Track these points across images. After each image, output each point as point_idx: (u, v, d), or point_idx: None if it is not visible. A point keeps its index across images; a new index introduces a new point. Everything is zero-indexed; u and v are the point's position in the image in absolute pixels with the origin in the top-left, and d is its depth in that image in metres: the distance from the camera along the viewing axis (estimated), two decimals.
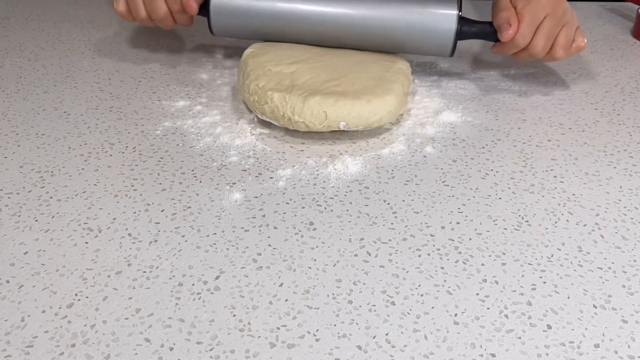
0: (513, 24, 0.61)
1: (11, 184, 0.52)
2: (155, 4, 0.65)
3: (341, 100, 0.57)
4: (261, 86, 0.60)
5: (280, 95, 0.58)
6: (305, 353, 0.38)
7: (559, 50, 0.63)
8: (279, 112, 0.58)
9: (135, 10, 0.66)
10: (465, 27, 0.64)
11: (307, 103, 0.57)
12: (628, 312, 0.41)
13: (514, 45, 0.62)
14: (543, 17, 0.62)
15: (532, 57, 0.64)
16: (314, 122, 0.58)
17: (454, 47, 0.64)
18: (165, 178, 0.53)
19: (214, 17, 0.66)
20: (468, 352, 0.38)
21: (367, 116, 0.58)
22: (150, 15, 0.66)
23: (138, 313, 0.40)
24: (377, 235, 0.47)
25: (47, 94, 0.66)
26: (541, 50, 0.62)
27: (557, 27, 0.62)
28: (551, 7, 0.62)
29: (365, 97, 0.58)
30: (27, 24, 0.84)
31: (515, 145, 0.59)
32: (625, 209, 0.51)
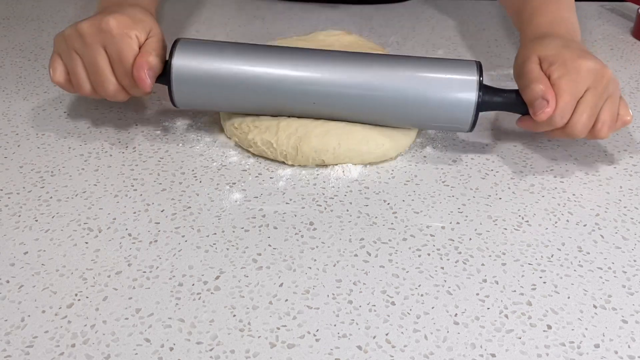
0: (550, 101, 0.49)
1: (11, 184, 0.52)
2: (100, 77, 0.53)
3: (343, 146, 0.53)
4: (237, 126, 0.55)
5: (264, 140, 0.53)
6: (305, 353, 0.38)
7: (602, 129, 0.52)
8: (268, 156, 0.54)
9: (77, 83, 0.54)
10: (487, 97, 0.52)
11: (301, 150, 0.52)
12: (628, 312, 0.41)
13: (550, 124, 0.51)
14: (584, 89, 0.51)
15: (570, 137, 0.53)
16: (310, 165, 0.54)
17: (474, 121, 0.53)
18: (165, 178, 0.53)
19: (177, 88, 0.53)
20: (468, 352, 0.38)
21: (372, 160, 0.55)
22: (97, 90, 0.54)
23: (138, 313, 0.40)
24: (377, 235, 0.47)
25: (47, 94, 0.66)
26: (582, 130, 0.51)
27: (600, 102, 0.51)
28: (593, 77, 0.51)
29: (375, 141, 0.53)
30: (27, 24, 0.84)
31: (515, 145, 0.59)
32: (625, 209, 0.51)
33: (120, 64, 0.52)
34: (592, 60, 0.51)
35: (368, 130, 0.54)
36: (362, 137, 0.53)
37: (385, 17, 0.87)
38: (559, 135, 0.53)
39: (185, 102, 0.55)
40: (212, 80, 0.53)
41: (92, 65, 0.53)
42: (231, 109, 0.56)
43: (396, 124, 0.55)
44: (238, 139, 0.56)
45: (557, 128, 0.52)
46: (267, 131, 0.54)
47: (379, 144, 0.54)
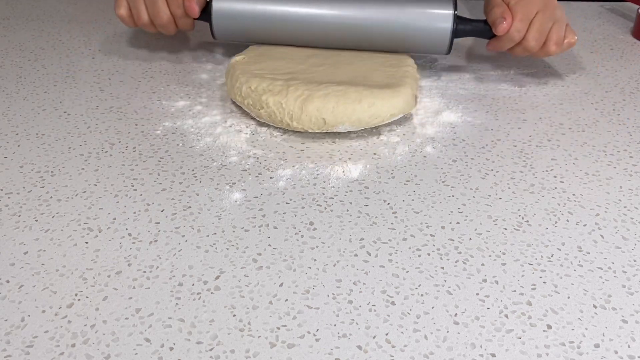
0: (507, 18, 0.63)
1: (11, 184, 0.52)
2: (158, 8, 0.65)
3: (341, 105, 0.57)
4: (254, 88, 0.59)
5: (275, 100, 0.58)
6: (305, 353, 0.38)
7: (551, 46, 0.65)
8: (276, 117, 0.58)
9: (137, 14, 0.66)
10: (460, 26, 0.65)
11: (305, 109, 0.57)
12: (628, 312, 0.41)
13: (509, 39, 0.64)
14: (535, 12, 0.64)
15: (527, 52, 0.66)
16: (312, 127, 0.58)
17: (450, 45, 0.66)
18: (165, 178, 0.53)
19: (216, 22, 0.66)
20: (468, 352, 0.38)
21: (368, 120, 0.58)
22: (153, 20, 0.66)
23: (138, 313, 0.40)
24: (377, 235, 0.47)
25: (47, 94, 0.66)
26: (535, 44, 0.64)
27: (549, 23, 0.64)
28: (542, 3, 0.64)
29: (367, 100, 0.57)
30: (27, 24, 0.84)
31: (515, 145, 0.59)
32: (625, 209, 0.51)
33: None
34: None
35: (361, 92, 0.58)
36: (356, 97, 0.58)
37: None
38: (518, 51, 0.66)
39: (223, 35, 0.68)
40: (245, 15, 0.66)
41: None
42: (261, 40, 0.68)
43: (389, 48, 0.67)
44: (252, 100, 0.59)
45: (516, 45, 0.65)
46: (279, 94, 0.58)
47: (370, 103, 0.58)
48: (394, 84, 0.60)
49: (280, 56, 0.66)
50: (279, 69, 0.63)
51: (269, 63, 0.64)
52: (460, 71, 0.73)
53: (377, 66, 0.64)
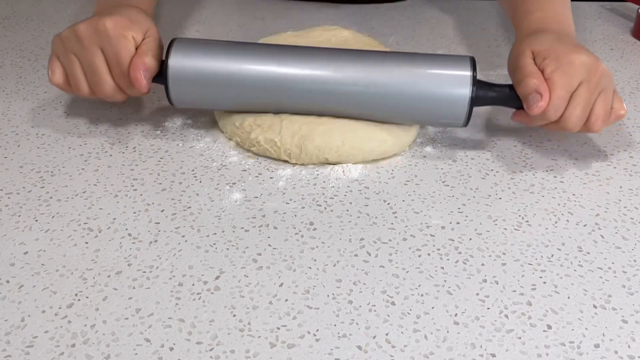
0: (544, 95, 0.50)
1: (11, 184, 0.52)
2: (98, 78, 0.53)
3: (347, 144, 0.53)
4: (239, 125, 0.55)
5: (267, 138, 0.53)
6: (305, 353, 0.38)
7: (596, 122, 0.52)
8: (271, 154, 0.54)
9: (75, 84, 0.55)
10: (481, 92, 0.53)
11: (305, 149, 0.53)
12: (628, 312, 0.41)
13: (544, 118, 0.52)
14: (578, 83, 0.51)
15: (564, 130, 0.53)
16: (313, 163, 0.54)
17: (468, 116, 0.53)
18: (165, 178, 0.53)
19: (173, 87, 0.54)
20: (468, 352, 0.38)
21: (375, 157, 0.55)
22: (94, 91, 0.55)
23: (138, 313, 0.40)
24: (377, 235, 0.47)
25: (47, 94, 0.66)
26: (576, 123, 0.52)
27: (594, 95, 0.51)
28: (587, 70, 0.51)
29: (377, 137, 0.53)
30: (27, 24, 0.84)
31: (515, 145, 0.59)
32: (625, 209, 0.51)
33: (117, 65, 0.53)
34: (585, 54, 0.52)
35: (370, 127, 0.54)
36: (365, 135, 0.54)
37: (385, 17, 0.87)
38: (553, 128, 0.53)
39: (182, 101, 0.56)
40: (208, 79, 0.53)
41: (90, 66, 0.53)
42: (229, 107, 0.57)
43: (392, 120, 0.55)
44: (240, 138, 0.56)
45: (552, 123, 0.53)
46: (270, 130, 0.54)
47: (381, 141, 0.54)
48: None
49: None
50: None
51: None
52: None
53: None
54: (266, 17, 0.86)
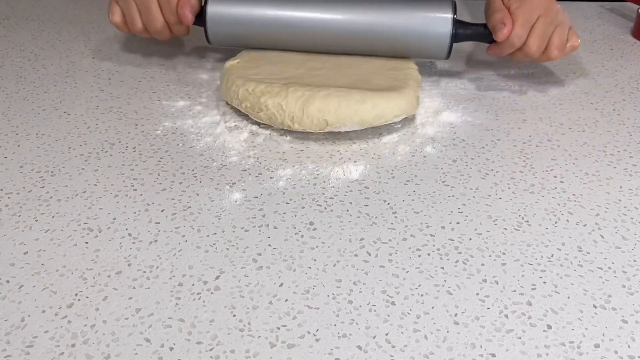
0: (507, 24, 0.62)
1: (11, 184, 0.52)
2: (151, 16, 0.64)
3: (343, 106, 0.56)
4: (251, 91, 0.58)
5: (275, 102, 0.57)
6: (305, 353, 0.38)
7: (553, 50, 0.63)
8: (276, 119, 0.57)
9: (131, 21, 0.66)
10: (460, 30, 0.64)
11: (307, 110, 0.56)
12: (628, 312, 0.41)
13: (510, 45, 0.63)
14: (536, 17, 0.62)
15: (528, 57, 0.64)
16: (313, 128, 0.57)
17: (449, 50, 0.64)
18: (165, 178, 0.53)
19: (211, 27, 0.65)
20: (468, 352, 0.38)
21: (371, 121, 0.57)
22: (147, 26, 0.66)
23: (138, 313, 0.40)
24: (377, 235, 0.47)
25: (47, 94, 0.66)
26: (536, 50, 0.63)
27: (550, 27, 0.63)
28: (544, 7, 0.63)
29: (370, 101, 0.57)
30: (27, 24, 0.84)
31: (515, 145, 0.59)
32: (625, 209, 0.51)
33: (168, 3, 0.64)
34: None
35: (365, 93, 0.58)
36: (360, 98, 0.57)
37: None
38: (519, 56, 0.65)
39: (218, 40, 0.67)
40: (239, 20, 0.65)
41: (144, 5, 0.64)
42: (256, 45, 0.67)
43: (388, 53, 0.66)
44: (250, 103, 0.59)
45: (517, 50, 0.63)
46: (278, 95, 0.57)
47: (374, 104, 0.57)
48: (397, 85, 0.60)
49: (277, 60, 0.65)
50: (276, 74, 0.62)
51: (265, 67, 0.63)
52: (461, 71, 0.73)
53: (378, 69, 0.64)
54: None
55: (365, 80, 0.61)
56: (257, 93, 0.58)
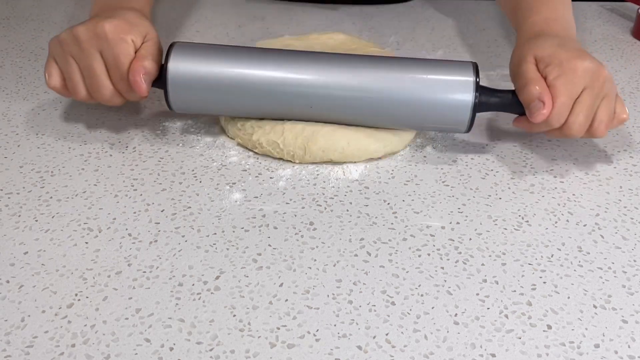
0: (547, 102, 0.49)
1: (11, 184, 0.52)
2: (97, 82, 0.53)
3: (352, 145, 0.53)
4: (240, 127, 0.55)
5: (269, 140, 0.54)
6: (305, 353, 0.38)
7: (599, 127, 0.51)
8: (273, 155, 0.55)
9: (73, 87, 0.54)
10: (484, 97, 0.53)
11: (309, 150, 0.53)
12: (628, 312, 0.41)
13: (546, 125, 0.51)
14: (581, 90, 0.50)
15: (567, 137, 0.53)
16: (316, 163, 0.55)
17: (471, 122, 0.53)
18: (165, 178, 0.53)
19: (173, 92, 0.53)
20: (468, 352, 0.38)
21: (378, 155, 0.55)
22: (92, 94, 0.54)
23: (138, 313, 0.40)
24: (377, 235, 0.47)
25: (47, 94, 0.66)
26: (579, 130, 0.51)
27: (597, 102, 0.51)
28: (590, 77, 0.50)
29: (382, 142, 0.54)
30: (27, 24, 0.84)
31: (515, 146, 0.59)
32: (625, 209, 0.51)
33: (117, 68, 0.52)
34: (589, 60, 0.51)
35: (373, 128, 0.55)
36: (369, 135, 0.54)
37: (385, 17, 0.87)
38: (556, 135, 0.53)
39: (182, 106, 0.55)
40: (208, 84, 0.52)
41: (88, 70, 0.53)
42: (228, 113, 0.56)
43: (393, 126, 0.55)
44: (242, 140, 0.56)
45: (554, 129, 0.52)
46: (273, 131, 0.54)
47: (386, 141, 0.55)
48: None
49: None
50: None
51: None
52: None
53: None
54: (266, 17, 0.86)
55: None
56: (247, 129, 0.55)
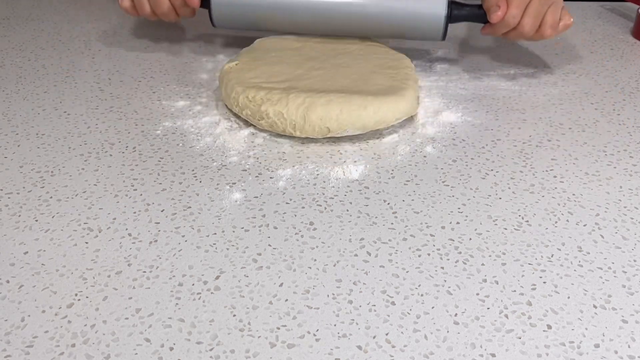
0: (502, 6, 0.63)
1: (11, 184, 0.52)
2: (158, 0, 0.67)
3: (345, 112, 0.56)
4: (251, 98, 0.58)
5: (275, 110, 0.57)
6: (305, 353, 0.38)
7: (547, 29, 0.65)
8: (278, 127, 0.57)
9: (139, 5, 0.69)
10: (455, 11, 0.66)
11: (308, 119, 0.56)
12: (628, 312, 0.41)
13: (504, 25, 0.64)
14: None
15: (522, 37, 0.66)
16: (315, 135, 0.57)
17: (445, 31, 0.66)
18: (165, 178, 0.53)
19: (215, 8, 0.67)
20: (468, 352, 0.38)
21: (373, 125, 0.57)
22: (154, 10, 0.68)
23: (138, 313, 0.40)
24: (377, 235, 0.47)
25: (47, 94, 0.66)
26: (530, 29, 0.64)
27: (544, 7, 0.64)
28: None
29: (372, 106, 0.57)
30: (27, 24, 0.84)
31: (515, 145, 0.59)
32: (625, 209, 0.51)
33: None
34: None
35: (366, 97, 0.58)
36: (361, 103, 0.57)
37: None
38: (513, 36, 0.66)
39: (222, 22, 0.69)
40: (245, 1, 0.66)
41: None
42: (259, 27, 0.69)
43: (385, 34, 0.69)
44: (250, 111, 0.58)
45: (511, 30, 0.65)
46: (279, 103, 0.57)
47: (376, 109, 0.57)
48: (397, 87, 0.60)
49: (276, 60, 0.65)
50: (276, 75, 0.62)
51: (264, 69, 0.63)
52: (460, 71, 0.73)
53: (375, 68, 0.64)
54: None
55: (364, 80, 0.61)
56: (257, 101, 0.58)
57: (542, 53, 0.78)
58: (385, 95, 0.58)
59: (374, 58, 0.66)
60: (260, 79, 0.61)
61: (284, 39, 0.69)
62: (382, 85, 0.60)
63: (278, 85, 0.60)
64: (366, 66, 0.64)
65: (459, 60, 0.76)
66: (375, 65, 0.64)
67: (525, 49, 0.79)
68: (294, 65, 0.64)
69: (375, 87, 0.60)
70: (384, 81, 0.61)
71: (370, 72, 0.63)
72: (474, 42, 0.80)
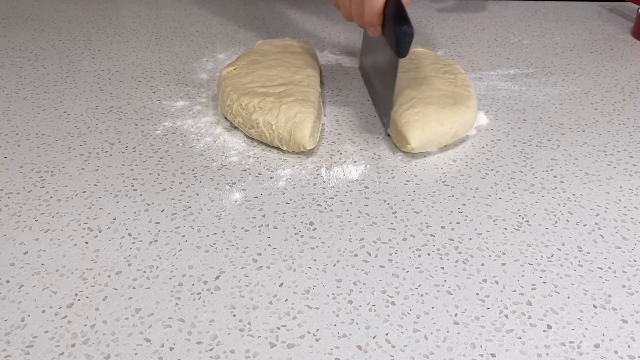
0: None
1: (11, 184, 0.52)
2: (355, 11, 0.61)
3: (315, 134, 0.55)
4: (244, 106, 0.57)
5: (265, 121, 0.56)
6: (305, 353, 0.38)
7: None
8: (266, 138, 0.56)
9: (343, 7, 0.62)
10: None
11: (294, 137, 0.55)
12: (628, 312, 0.41)
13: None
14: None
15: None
16: (300, 151, 0.56)
17: None
18: (165, 178, 0.53)
19: None
20: (468, 352, 0.38)
21: None
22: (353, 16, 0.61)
23: (138, 313, 0.40)
24: (377, 235, 0.47)
25: (47, 94, 0.66)
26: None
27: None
28: None
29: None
30: (27, 24, 0.84)
31: (515, 145, 0.59)
32: (625, 209, 0.51)
33: None
34: None
35: None
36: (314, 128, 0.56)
37: None
38: None
39: None
40: None
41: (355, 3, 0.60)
42: None
43: None
44: (242, 119, 0.58)
45: None
46: (270, 113, 0.56)
47: None
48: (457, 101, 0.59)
49: (274, 64, 0.63)
50: (272, 80, 0.60)
51: (261, 73, 0.61)
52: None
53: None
54: (266, 17, 0.86)
55: None
56: (249, 109, 0.57)
57: (542, 53, 0.78)
58: None
59: None
60: (256, 84, 0.60)
61: (285, 41, 0.69)
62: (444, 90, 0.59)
63: (273, 90, 0.58)
64: None
65: (458, 60, 0.76)
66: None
67: (526, 49, 0.79)
68: (293, 68, 0.63)
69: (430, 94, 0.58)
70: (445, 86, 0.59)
71: None
72: (474, 42, 0.80)
